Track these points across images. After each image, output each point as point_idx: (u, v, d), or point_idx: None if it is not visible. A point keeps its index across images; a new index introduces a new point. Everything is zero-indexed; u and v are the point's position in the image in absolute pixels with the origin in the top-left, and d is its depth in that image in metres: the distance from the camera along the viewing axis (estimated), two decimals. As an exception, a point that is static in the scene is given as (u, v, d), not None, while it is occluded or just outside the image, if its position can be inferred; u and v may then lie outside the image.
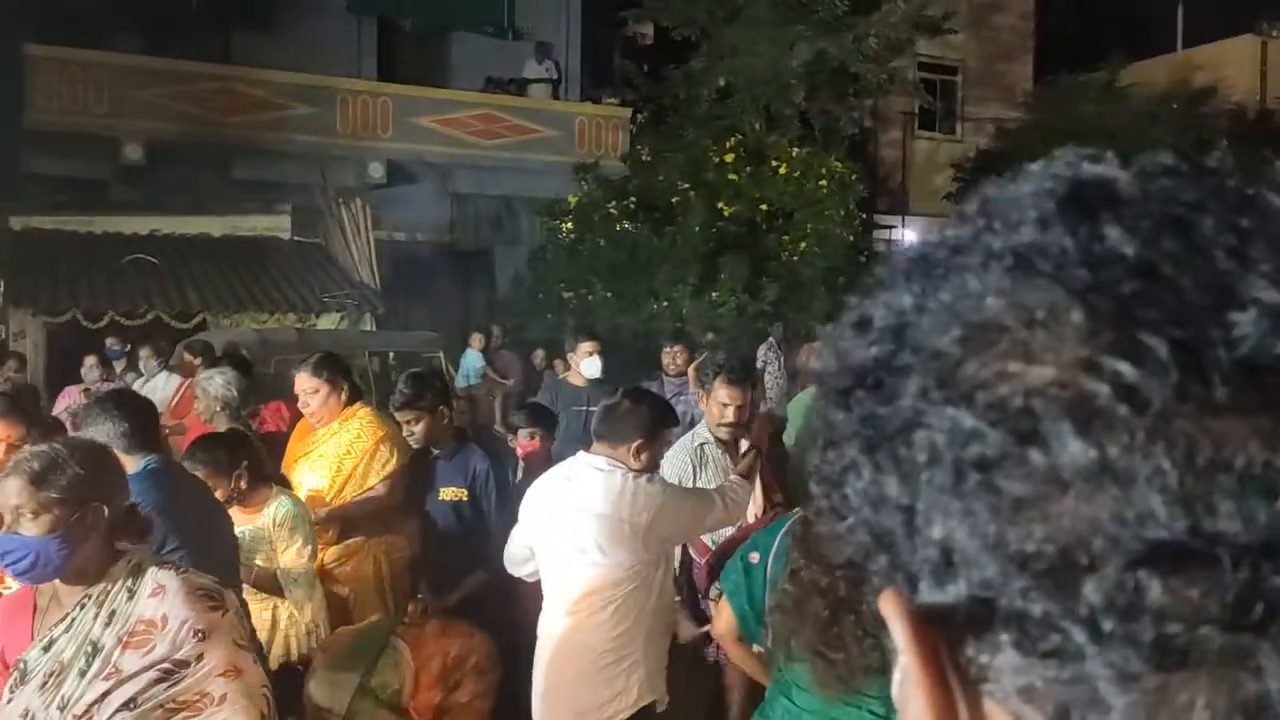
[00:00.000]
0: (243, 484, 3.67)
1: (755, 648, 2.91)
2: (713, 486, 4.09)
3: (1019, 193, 0.46)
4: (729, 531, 4.02)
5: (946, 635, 0.44)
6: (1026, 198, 0.45)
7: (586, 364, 6.17)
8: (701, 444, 4.24)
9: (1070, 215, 0.43)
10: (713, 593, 3.67)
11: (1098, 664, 0.39)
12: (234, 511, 3.65)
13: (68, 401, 8.13)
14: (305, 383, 4.35)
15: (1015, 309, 0.41)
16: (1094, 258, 0.41)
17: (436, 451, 4.38)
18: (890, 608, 0.45)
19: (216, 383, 4.78)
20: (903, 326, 0.45)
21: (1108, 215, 0.42)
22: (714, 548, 3.94)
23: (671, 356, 6.87)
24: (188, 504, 3.08)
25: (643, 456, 3.27)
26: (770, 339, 10.85)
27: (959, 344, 0.43)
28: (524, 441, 4.97)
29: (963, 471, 0.41)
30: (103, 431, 3.04)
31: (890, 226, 20.00)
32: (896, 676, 0.48)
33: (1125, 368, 0.39)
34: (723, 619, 2.99)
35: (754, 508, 4.08)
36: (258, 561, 3.67)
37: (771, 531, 2.93)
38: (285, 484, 4.00)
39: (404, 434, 4.36)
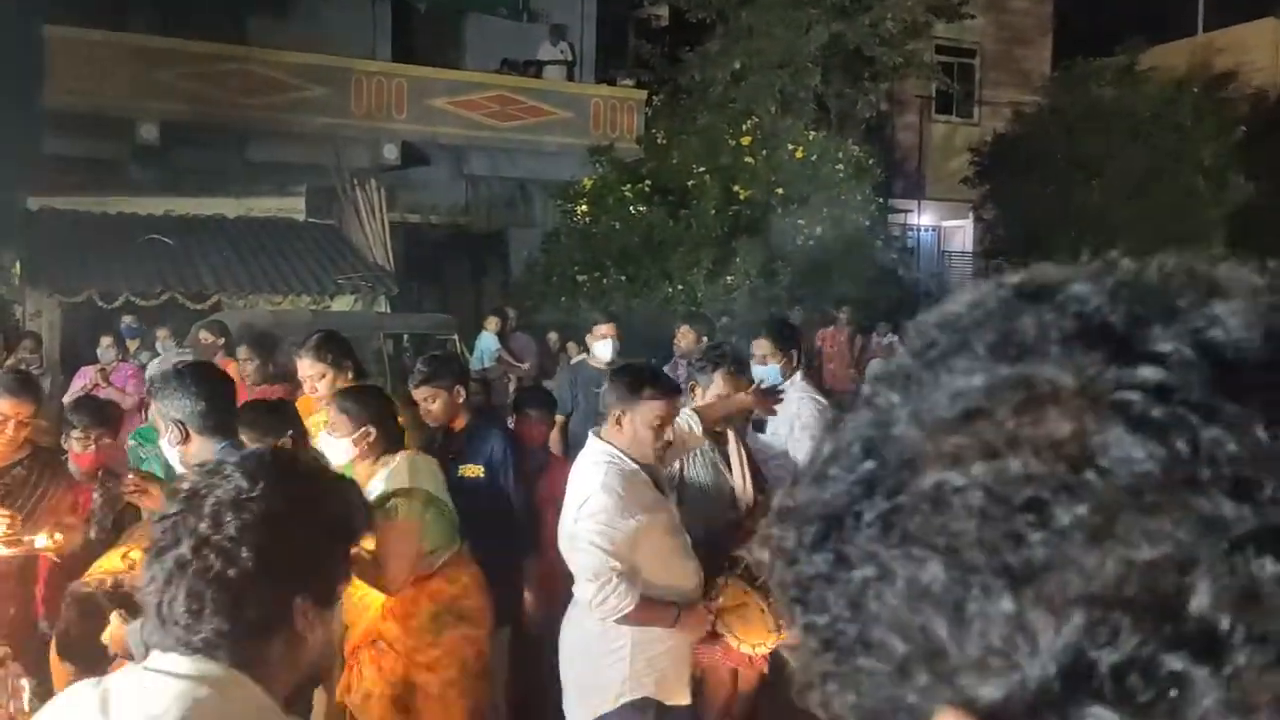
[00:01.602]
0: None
1: None
2: (701, 479, 4.06)
3: (960, 303, 0.48)
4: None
5: None
6: (975, 302, 0.47)
7: (599, 346, 6.18)
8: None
9: (1028, 298, 0.45)
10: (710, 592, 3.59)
11: (1214, 694, 0.37)
12: None
13: (84, 381, 8.16)
14: (309, 368, 4.23)
15: (1023, 362, 0.43)
16: (1077, 306, 0.44)
17: (453, 430, 4.38)
18: None
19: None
20: (891, 425, 0.45)
21: (1064, 286, 0.45)
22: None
23: (680, 336, 6.80)
24: None
25: (622, 422, 3.30)
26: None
27: (984, 397, 0.43)
28: (531, 426, 5.03)
29: (1016, 519, 0.40)
30: (178, 408, 2.86)
31: (906, 211, 19.93)
32: None
33: (1149, 371, 0.40)
34: None
35: (745, 503, 4.09)
36: None
37: None
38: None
39: (421, 412, 4.34)
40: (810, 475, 0.48)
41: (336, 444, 3.44)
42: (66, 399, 7.09)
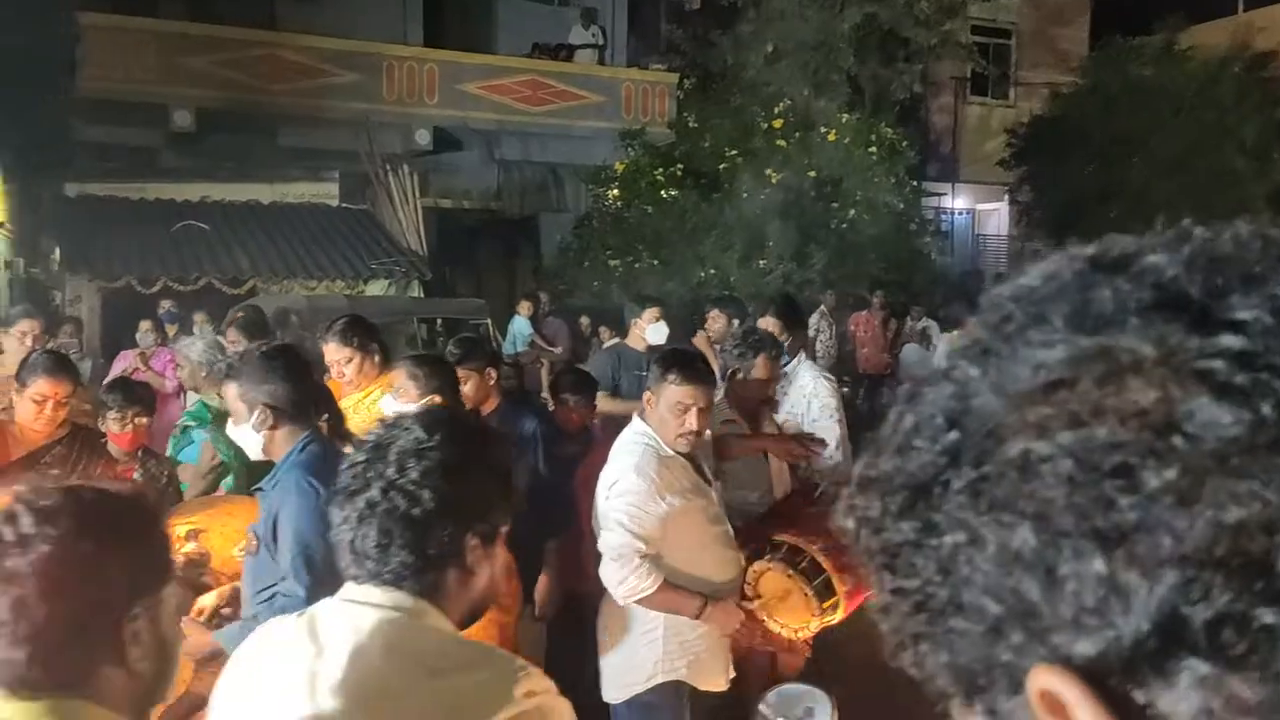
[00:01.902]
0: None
1: None
2: (738, 464, 4.01)
3: (1033, 276, 0.49)
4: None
5: (1111, 690, 0.42)
6: (1049, 274, 0.49)
7: (653, 330, 6.19)
8: (722, 421, 4.07)
9: (1103, 269, 0.47)
10: (750, 574, 3.55)
11: None
12: None
13: (124, 365, 8.24)
14: (337, 352, 4.22)
15: (1103, 333, 0.44)
16: (1154, 276, 0.45)
17: (485, 411, 4.38)
18: (1054, 680, 0.43)
19: (197, 348, 4.76)
20: (972, 397, 0.47)
21: (1139, 257, 0.46)
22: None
23: (711, 320, 6.71)
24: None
25: (651, 403, 3.32)
26: (822, 306, 10.74)
27: (1066, 368, 0.44)
28: (570, 410, 5.00)
29: (1105, 484, 0.42)
30: (264, 393, 2.70)
31: (941, 194, 19.73)
32: None
33: (1230, 339, 0.42)
34: None
35: (781, 488, 4.07)
36: None
37: None
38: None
39: None
40: (893, 447, 0.51)
41: (403, 409, 3.43)
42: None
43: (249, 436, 2.77)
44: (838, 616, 3.53)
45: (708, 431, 3.51)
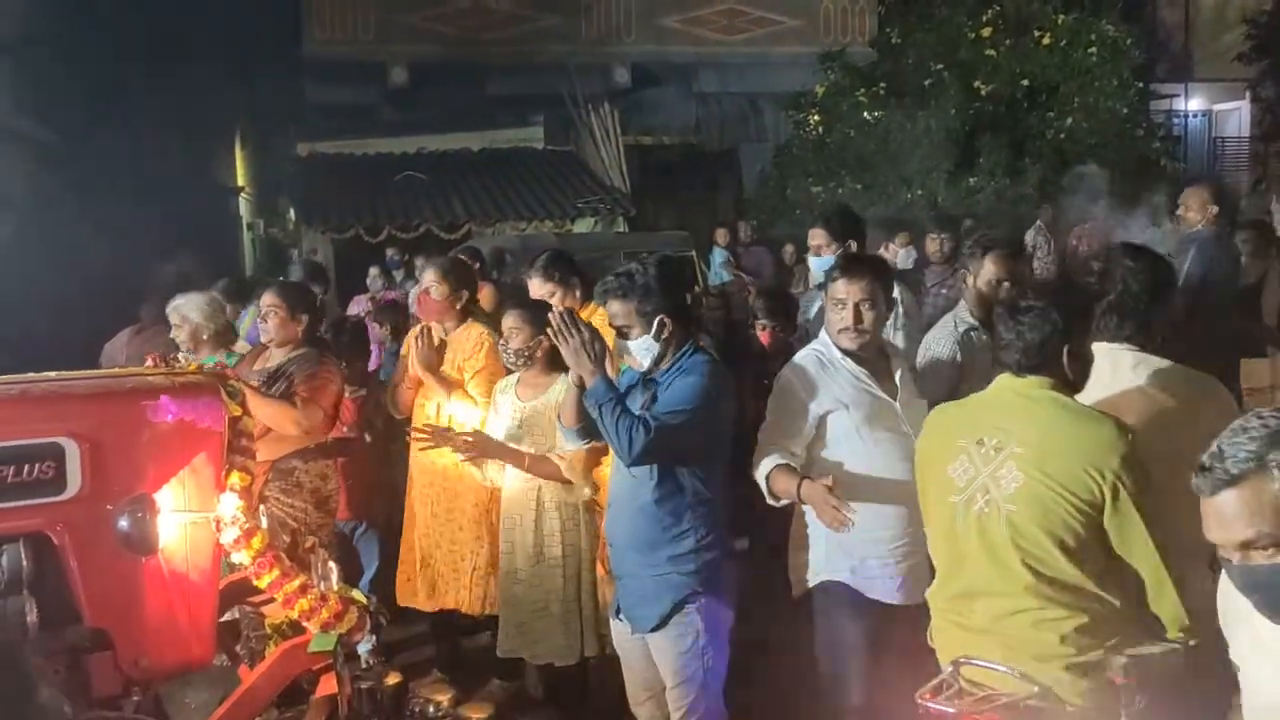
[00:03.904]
0: (540, 352, 3.82)
1: None
2: (976, 373, 3.88)
3: None
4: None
5: None
6: None
7: (904, 254, 6.18)
8: (969, 329, 3.88)
9: None
10: None
11: None
12: (520, 384, 3.85)
13: (358, 309, 8.85)
14: (540, 288, 4.34)
15: None
16: None
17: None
18: None
19: (196, 306, 4.57)
20: None
21: None
22: None
23: (938, 244, 6.45)
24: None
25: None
26: (1039, 222, 10.24)
27: None
28: (760, 332, 5.00)
29: None
30: (663, 307, 3.06)
31: (1172, 95, 18.30)
32: None
33: None
34: None
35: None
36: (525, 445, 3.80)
37: None
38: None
39: None
40: None
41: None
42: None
43: (640, 347, 3.06)
44: None
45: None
